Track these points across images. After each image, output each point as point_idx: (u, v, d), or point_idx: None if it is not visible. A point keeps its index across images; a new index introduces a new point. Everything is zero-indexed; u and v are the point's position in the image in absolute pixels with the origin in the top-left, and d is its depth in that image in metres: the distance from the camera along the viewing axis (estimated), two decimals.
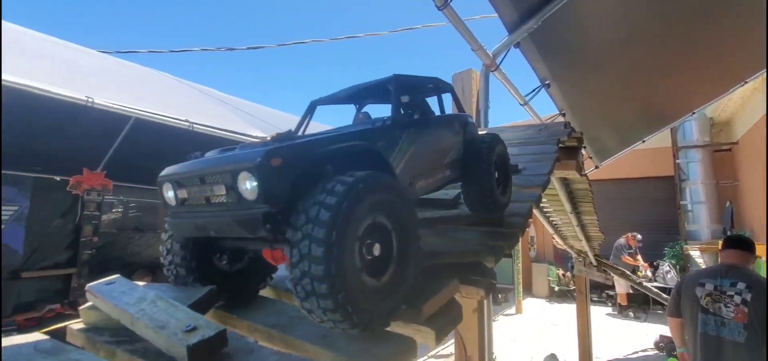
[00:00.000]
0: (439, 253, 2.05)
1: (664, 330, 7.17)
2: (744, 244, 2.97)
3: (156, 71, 8.44)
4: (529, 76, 4.06)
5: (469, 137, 2.45)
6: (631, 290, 9.84)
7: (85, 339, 1.37)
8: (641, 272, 9.93)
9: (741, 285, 2.70)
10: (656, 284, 9.56)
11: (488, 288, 1.80)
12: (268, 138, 1.55)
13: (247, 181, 1.29)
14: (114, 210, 6.08)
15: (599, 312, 10.22)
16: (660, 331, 7.88)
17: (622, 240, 10.09)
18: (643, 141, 6.11)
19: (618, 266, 8.66)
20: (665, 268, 10.19)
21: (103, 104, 4.63)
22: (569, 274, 11.65)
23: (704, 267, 6.44)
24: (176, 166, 1.62)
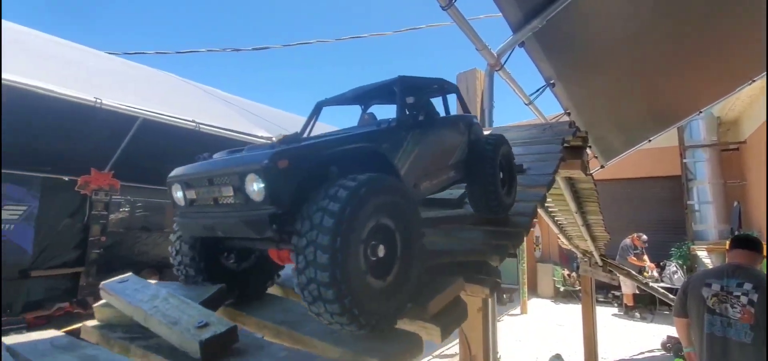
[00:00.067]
0: (444, 252, 2.07)
1: (671, 331, 7.12)
2: (751, 244, 2.94)
3: (163, 72, 8.52)
4: (534, 75, 4.04)
5: (474, 138, 2.45)
6: (638, 291, 9.76)
7: (100, 336, 1.40)
8: (647, 273, 9.86)
9: (748, 286, 2.68)
10: (663, 285, 9.48)
11: (493, 287, 1.81)
12: (273, 139, 1.58)
13: (255, 182, 1.31)
14: (121, 210, 6.14)
15: (605, 313, 10.16)
16: (667, 332, 7.83)
17: (628, 241, 10.03)
18: (650, 140, 6.05)
19: (624, 266, 8.60)
20: (672, 268, 10.12)
21: (112, 105, 4.68)
22: (574, 274, 11.59)
23: (711, 267, 6.39)
24: (185, 167, 1.65)
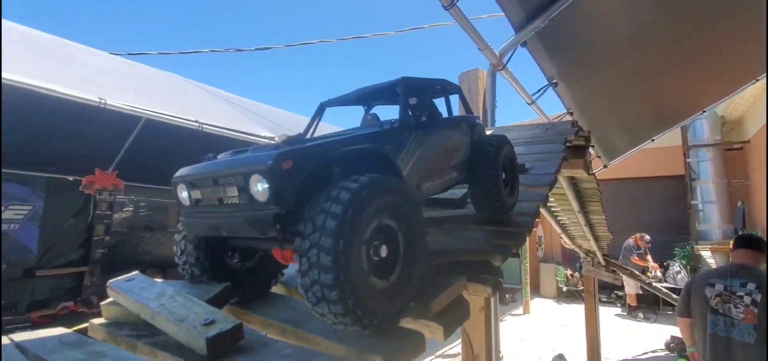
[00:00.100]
0: (447, 252, 2.08)
1: (675, 331, 7.09)
2: (755, 243, 2.93)
3: (166, 72, 8.54)
4: (536, 75, 4.04)
5: (477, 139, 2.46)
6: (641, 291, 9.74)
7: (107, 333, 1.42)
8: (651, 273, 9.83)
9: (751, 286, 2.67)
10: (666, 285, 9.45)
11: (495, 286, 1.82)
12: (276, 139, 1.59)
13: (259, 183, 1.32)
14: (125, 209, 6.18)
15: (608, 313, 10.14)
16: (670, 332, 7.79)
17: (631, 241, 10.00)
18: (653, 140, 6.04)
19: (627, 266, 8.58)
20: (675, 268, 10.08)
21: (115, 105, 4.71)
22: (577, 274, 11.57)
23: (714, 267, 6.36)
24: (190, 167, 1.66)
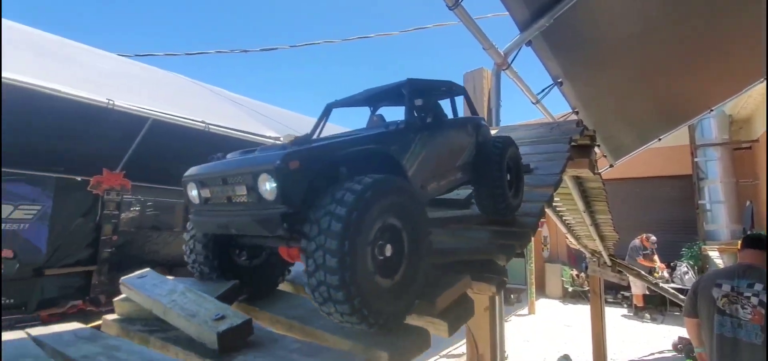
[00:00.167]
0: (451, 251, 2.09)
1: (682, 332, 7.04)
2: (763, 244, 2.89)
3: (172, 73, 8.64)
4: (541, 74, 4.03)
5: (482, 140, 2.47)
6: (647, 291, 9.67)
7: (120, 329, 1.46)
8: (658, 273, 9.75)
9: (758, 286, 2.65)
10: (674, 285, 9.36)
11: (499, 285, 1.83)
12: (282, 139, 1.61)
13: (267, 182, 1.35)
14: (132, 209, 6.24)
15: (614, 313, 10.08)
16: (678, 333, 7.75)
17: (637, 242, 9.93)
18: (660, 139, 6.00)
19: (633, 267, 8.52)
20: (683, 269, 10.00)
21: (123, 106, 4.77)
22: (583, 274, 11.50)
23: (722, 267, 6.30)
24: (200, 166, 1.70)
